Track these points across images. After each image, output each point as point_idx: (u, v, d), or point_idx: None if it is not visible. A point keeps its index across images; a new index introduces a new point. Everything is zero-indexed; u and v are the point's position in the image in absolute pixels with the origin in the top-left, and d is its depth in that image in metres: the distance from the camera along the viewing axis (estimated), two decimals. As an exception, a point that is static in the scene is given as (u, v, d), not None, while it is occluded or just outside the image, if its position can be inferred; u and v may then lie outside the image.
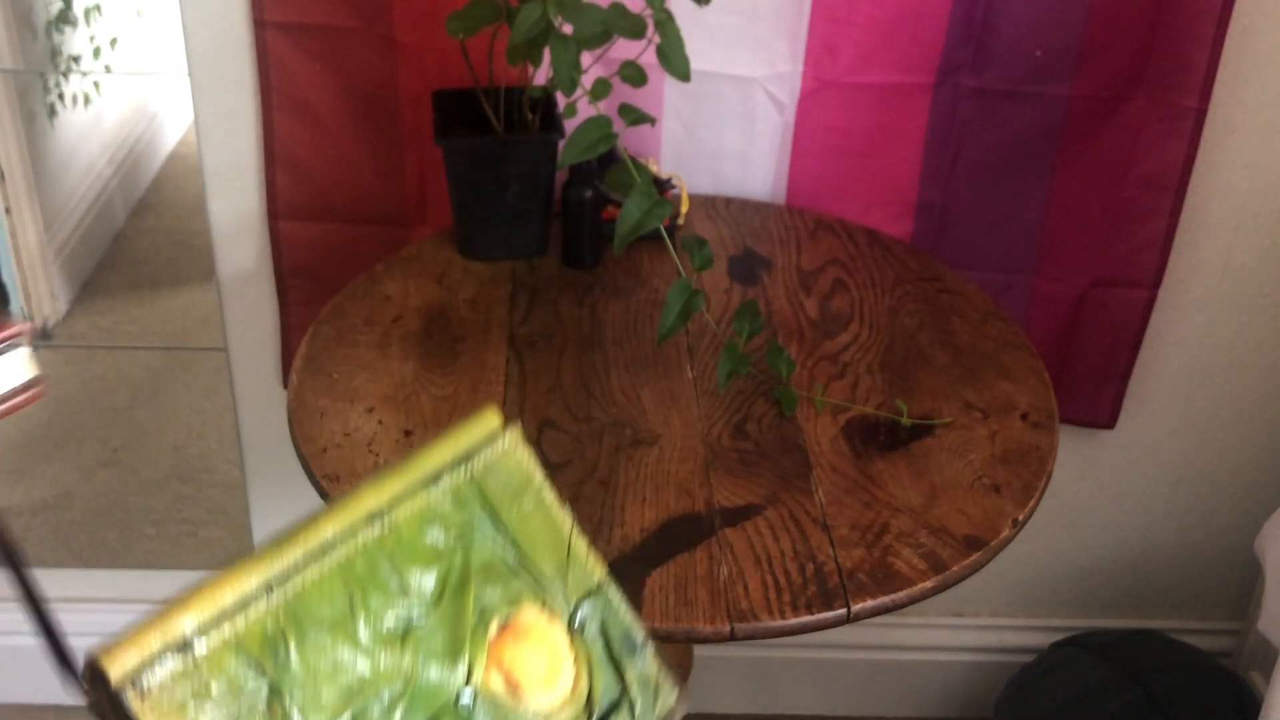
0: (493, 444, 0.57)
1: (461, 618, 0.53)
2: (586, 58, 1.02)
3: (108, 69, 2.03)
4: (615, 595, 0.58)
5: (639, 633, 0.58)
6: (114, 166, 2.46)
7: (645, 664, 0.58)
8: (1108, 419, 1.41)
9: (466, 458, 0.56)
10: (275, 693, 0.48)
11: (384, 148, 1.25)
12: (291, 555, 0.50)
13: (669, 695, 0.57)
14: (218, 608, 0.47)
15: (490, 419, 0.57)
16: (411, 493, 0.54)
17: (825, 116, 1.23)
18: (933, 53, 1.20)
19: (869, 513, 0.88)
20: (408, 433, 0.93)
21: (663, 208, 0.93)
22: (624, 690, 0.55)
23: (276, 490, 1.52)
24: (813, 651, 1.64)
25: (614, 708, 0.56)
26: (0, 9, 1.64)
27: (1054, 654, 1.50)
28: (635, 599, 0.80)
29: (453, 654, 0.52)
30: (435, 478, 0.55)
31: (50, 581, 0.60)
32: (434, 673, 0.52)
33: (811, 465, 0.92)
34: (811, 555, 0.84)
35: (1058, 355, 1.35)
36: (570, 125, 0.99)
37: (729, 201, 1.28)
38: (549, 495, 0.58)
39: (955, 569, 0.83)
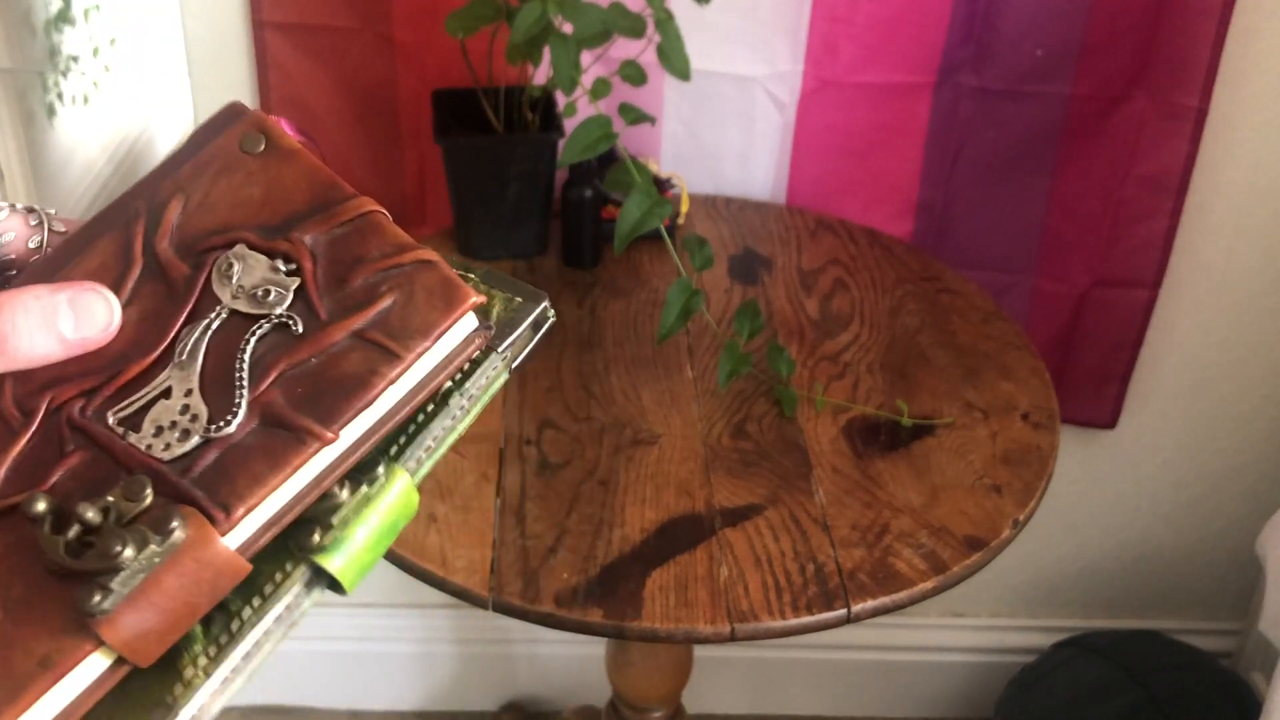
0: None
1: None
2: (586, 57, 1.02)
3: (107, 68, 2.03)
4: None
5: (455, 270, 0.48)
6: (113, 166, 2.46)
7: None
8: (1108, 419, 1.41)
9: None
10: None
11: (383, 148, 1.25)
12: None
13: (509, 304, 0.48)
14: None
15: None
16: None
17: (826, 116, 1.23)
18: (933, 52, 1.20)
19: (869, 513, 0.87)
20: (407, 433, 0.93)
21: (663, 207, 0.93)
22: None
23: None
24: (813, 652, 1.64)
25: None
26: (-1, 8, 1.64)
27: (1055, 654, 1.50)
28: (635, 599, 0.80)
29: None
30: None
31: (48, 582, 0.60)
32: None
33: (812, 465, 0.92)
34: (812, 555, 0.83)
35: (1058, 355, 1.34)
36: (570, 125, 0.99)
37: (729, 201, 1.28)
38: None
39: (956, 569, 0.83)
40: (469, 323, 0.44)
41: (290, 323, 0.43)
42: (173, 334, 0.43)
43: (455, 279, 0.43)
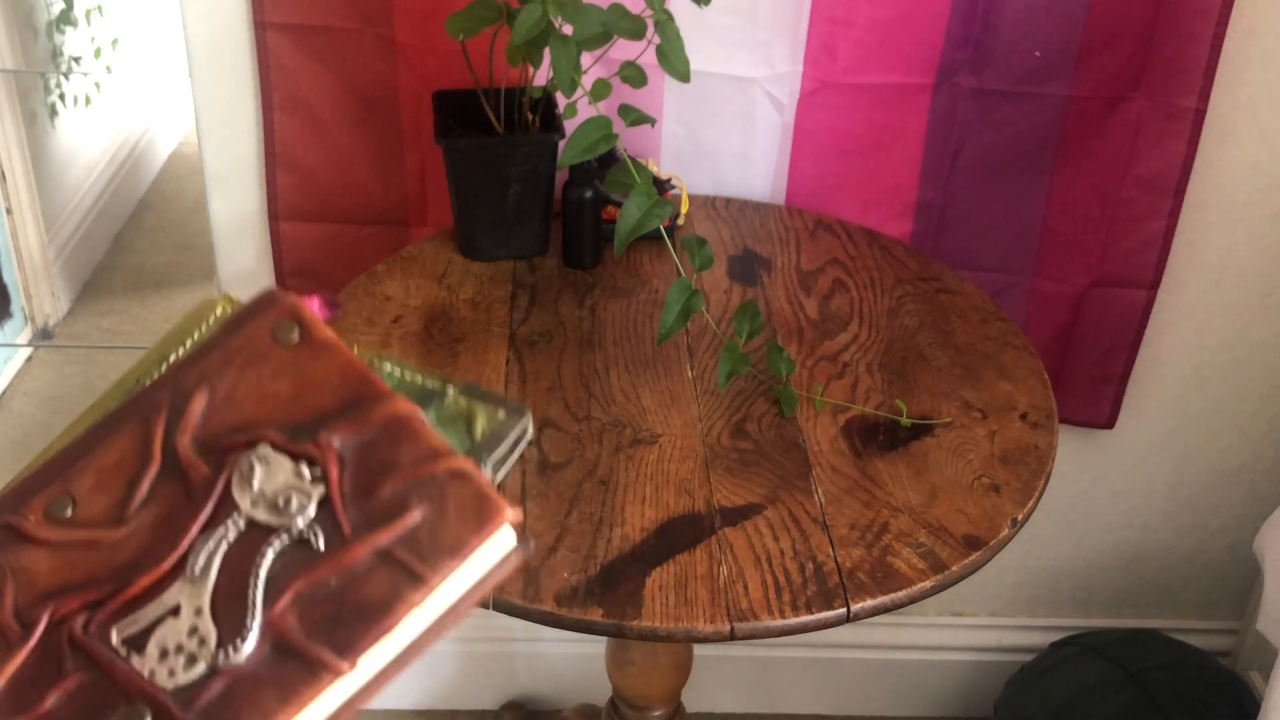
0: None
1: None
2: (586, 58, 1.02)
3: (109, 69, 2.03)
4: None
5: (432, 381, 0.50)
6: (115, 167, 2.47)
7: (445, 404, 0.49)
8: (1107, 419, 1.41)
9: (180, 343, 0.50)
10: None
11: (384, 148, 1.26)
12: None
13: (493, 417, 0.47)
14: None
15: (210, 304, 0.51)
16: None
17: (824, 117, 1.24)
18: (932, 53, 1.20)
19: (868, 512, 0.88)
20: (408, 432, 0.94)
21: (663, 208, 0.94)
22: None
23: (277, 490, 1.52)
24: (812, 651, 1.64)
25: None
26: (1, 10, 1.64)
27: (1053, 653, 1.51)
28: (635, 598, 0.80)
29: None
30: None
31: (52, 581, 0.60)
32: None
33: (811, 465, 0.92)
34: (811, 555, 0.84)
35: (1057, 355, 1.35)
36: (570, 125, 0.99)
37: (729, 201, 1.28)
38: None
39: (954, 568, 0.83)
40: (506, 539, 0.41)
41: (311, 537, 0.40)
42: (187, 542, 0.40)
43: (490, 493, 0.40)
